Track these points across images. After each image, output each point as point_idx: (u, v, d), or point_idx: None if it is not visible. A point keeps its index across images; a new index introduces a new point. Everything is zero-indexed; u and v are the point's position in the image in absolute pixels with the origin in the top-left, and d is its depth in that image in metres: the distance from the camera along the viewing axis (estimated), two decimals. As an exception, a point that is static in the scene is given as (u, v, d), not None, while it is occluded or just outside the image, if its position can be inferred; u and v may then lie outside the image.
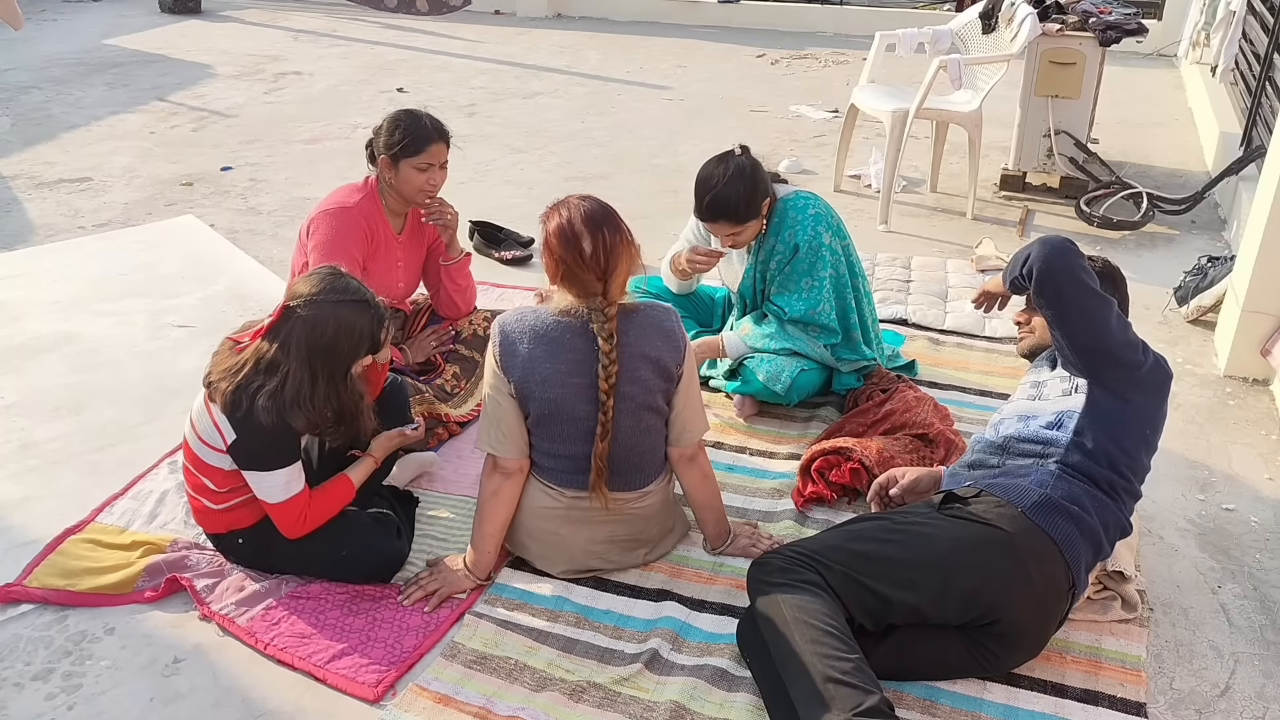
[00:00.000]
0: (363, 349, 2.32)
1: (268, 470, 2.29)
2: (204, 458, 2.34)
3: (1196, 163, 5.53)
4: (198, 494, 2.41)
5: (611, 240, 2.29)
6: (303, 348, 2.23)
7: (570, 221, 2.29)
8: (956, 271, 4.18)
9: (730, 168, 2.89)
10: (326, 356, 2.25)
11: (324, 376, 2.25)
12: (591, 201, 2.35)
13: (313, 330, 2.23)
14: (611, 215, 2.35)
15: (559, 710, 2.11)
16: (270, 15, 9.46)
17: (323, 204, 3.08)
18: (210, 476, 2.36)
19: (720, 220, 2.93)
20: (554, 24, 9.26)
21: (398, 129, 2.98)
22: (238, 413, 2.23)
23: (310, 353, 2.23)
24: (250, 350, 2.27)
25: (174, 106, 6.69)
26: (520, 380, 2.32)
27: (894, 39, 4.96)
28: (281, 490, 2.31)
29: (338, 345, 2.26)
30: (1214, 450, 3.05)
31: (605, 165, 5.57)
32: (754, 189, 2.90)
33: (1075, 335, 2.17)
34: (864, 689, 1.91)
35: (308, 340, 2.23)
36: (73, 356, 3.57)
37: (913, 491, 2.52)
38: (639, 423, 2.36)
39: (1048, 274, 2.16)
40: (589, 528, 2.45)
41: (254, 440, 2.26)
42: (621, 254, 2.31)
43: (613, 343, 2.28)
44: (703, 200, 2.93)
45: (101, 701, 2.17)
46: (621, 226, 2.35)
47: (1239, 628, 2.38)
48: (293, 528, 2.37)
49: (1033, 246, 2.21)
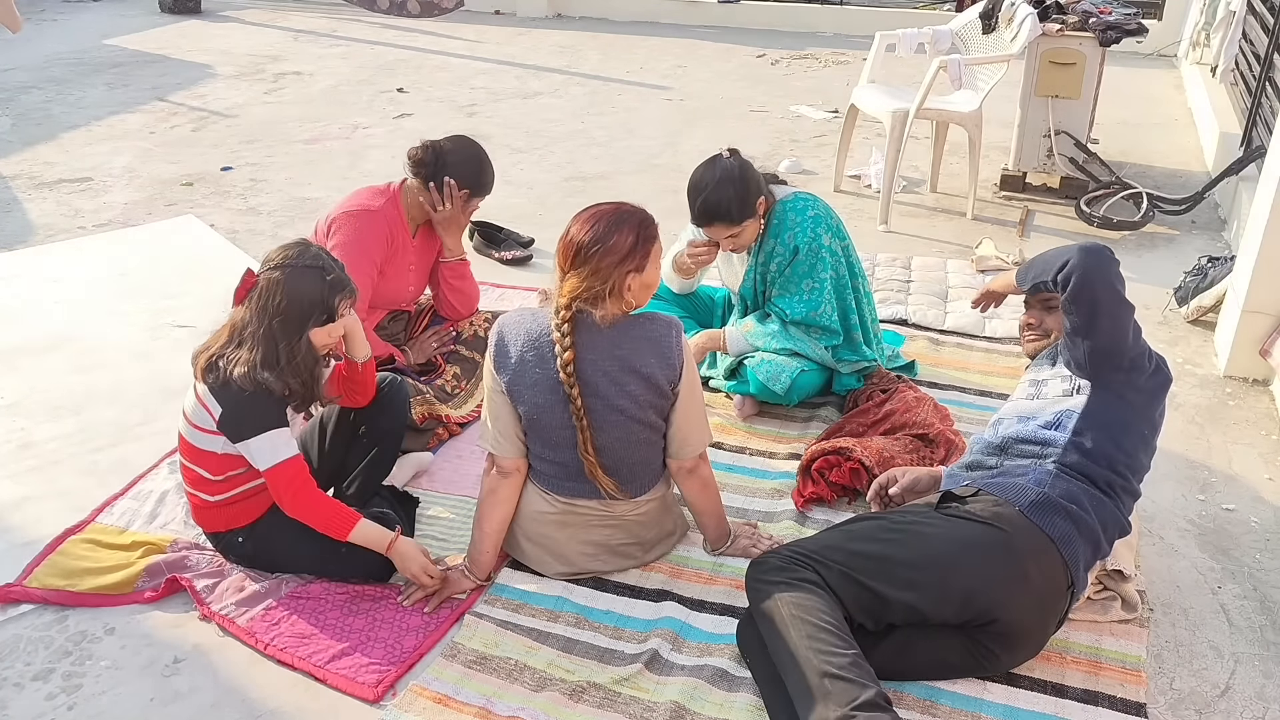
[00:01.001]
0: (314, 314, 2.34)
1: (254, 435, 2.30)
2: (196, 443, 2.36)
3: (1196, 163, 5.53)
4: (195, 489, 2.42)
5: (589, 239, 2.22)
6: (264, 312, 2.31)
7: (586, 210, 2.29)
8: (956, 272, 4.18)
9: (719, 171, 2.89)
10: (282, 320, 2.30)
11: (281, 339, 2.30)
12: (627, 210, 2.28)
13: (270, 294, 2.31)
14: (617, 226, 2.24)
15: (559, 710, 2.11)
16: (270, 15, 9.45)
17: (345, 204, 3.10)
18: (204, 464, 2.37)
19: (715, 223, 2.93)
20: (554, 24, 9.25)
21: (477, 167, 3.14)
22: (216, 382, 2.29)
23: (268, 315, 2.30)
24: (227, 321, 2.37)
25: (174, 106, 6.69)
26: (510, 383, 2.32)
27: (894, 39, 4.95)
28: (269, 454, 2.30)
29: (290, 309, 2.31)
30: (1214, 450, 3.05)
31: (605, 165, 5.57)
32: (744, 190, 2.90)
33: (1098, 341, 2.16)
34: (860, 683, 1.91)
35: (265, 304, 2.31)
36: (73, 356, 3.57)
37: (912, 491, 2.52)
38: (630, 435, 2.34)
39: (1089, 284, 2.14)
40: (584, 532, 2.45)
41: (237, 409, 2.29)
42: (588, 260, 2.22)
43: (565, 331, 2.23)
44: (695, 206, 2.93)
45: (101, 701, 2.18)
46: (615, 241, 2.23)
47: (1239, 628, 2.38)
48: (288, 496, 2.33)
49: (1071, 252, 2.19)
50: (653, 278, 2.32)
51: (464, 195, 3.12)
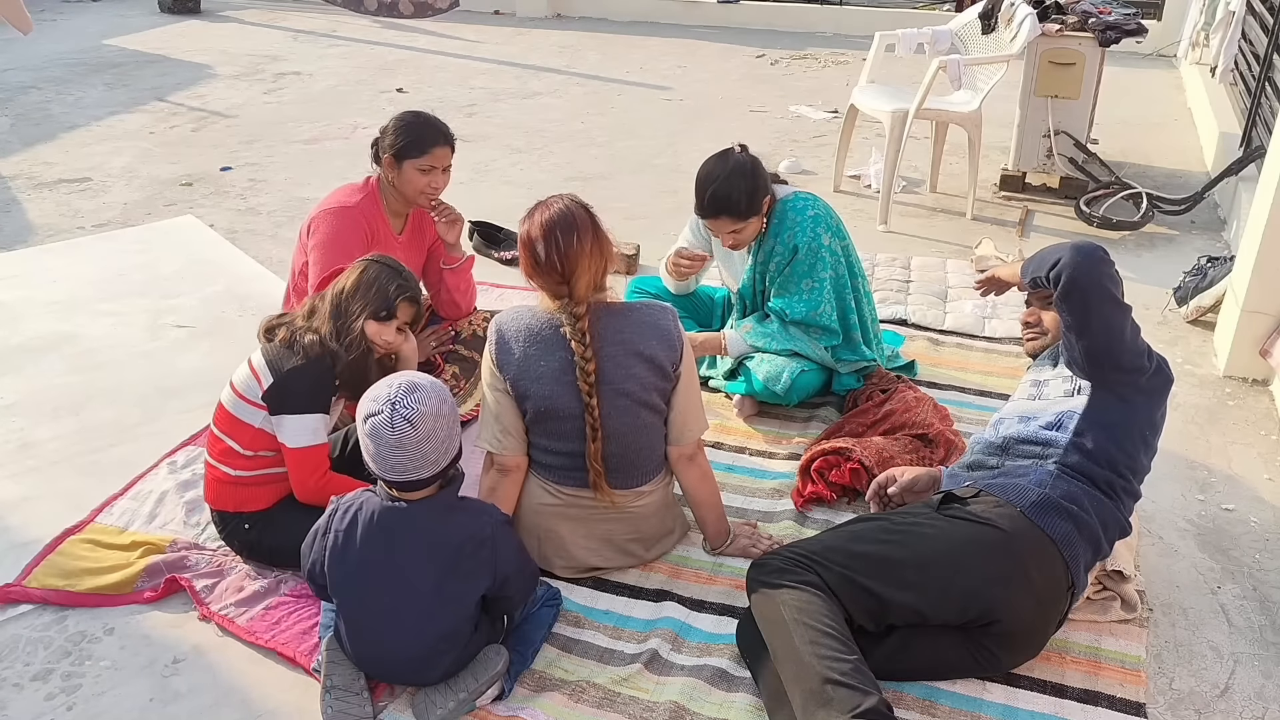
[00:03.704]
0: (374, 306, 2.44)
1: (294, 413, 2.36)
2: (237, 413, 2.41)
3: (1196, 163, 5.53)
4: (220, 461, 2.44)
5: (565, 244, 2.27)
6: (337, 291, 2.46)
7: (530, 229, 2.33)
8: (956, 272, 4.18)
9: (730, 164, 2.89)
10: (344, 304, 2.43)
11: (345, 317, 2.42)
12: (560, 206, 2.33)
13: (346, 276, 2.48)
14: (573, 219, 2.30)
15: (559, 710, 2.11)
16: (270, 15, 9.46)
17: (323, 203, 3.09)
18: (238, 436, 2.41)
19: (721, 216, 2.93)
20: (553, 24, 9.26)
21: (404, 129, 3.02)
22: (278, 347, 2.40)
23: (335, 298, 2.44)
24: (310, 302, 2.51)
25: (173, 107, 6.69)
26: (515, 378, 2.33)
27: (894, 39, 4.95)
28: (309, 435, 2.38)
29: (353, 294, 2.44)
30: (1214, 450, 3.05)
31: (605, 165, 5.57)
32: (754, 185, 2.90)
33: (1092, 341, 2.16)
34: (862, 690, 1.91)
35: (340, 285, 2.47)
36: (72, 357, 3.57)
37: (911, 491, 2.52)
38: (636, 420, 2.36)
39: (1078, 282, 2.14)
40: (587, 525, 2.45)
41: (287, 381, 2.36)
42: (580, 258, 2.28)
43: (585, 343, 2.28)
44: (703, 197, 2.92)
45: (101, 702, 2.18)
46: (581, 230, 2.29)
47: (1238, 628, 2.38)
48: (310, 480, 2.40)
49: (1063, 250, 2.19)
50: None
51: (389, 160, 3.01)
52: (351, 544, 2.07)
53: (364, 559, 2.07)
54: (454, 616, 2.09)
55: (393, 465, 2.01)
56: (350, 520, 2.09)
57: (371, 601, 2.08)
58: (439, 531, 2.08)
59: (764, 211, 2.97)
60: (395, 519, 2.07)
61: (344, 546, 2.08)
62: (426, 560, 2.06)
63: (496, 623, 2.22)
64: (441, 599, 2.07)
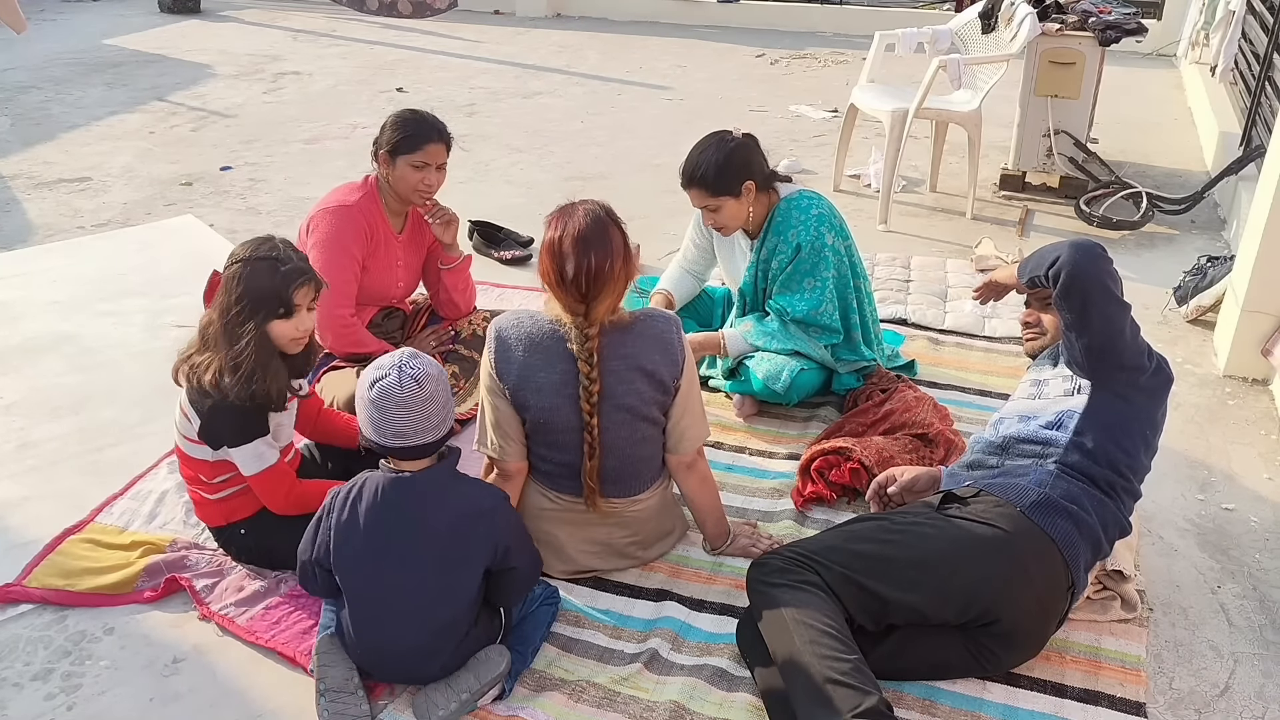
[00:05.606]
0: (269, 306, 2.27)
1: (234, 446, 2.32)
2: (188, 451, 2.39)
3: (1196, 163, 5.53)
4: (194, 486, 2.45)
5: (598, 265, 2.18)
6: (223, 308, 2.28)
7: (560, 239, 2.22)
8: (956, 271, 4.18)
9: (712, 140, 2.98)
10: (238, 313, 2.26)
11: (241, 335, 2.25)
12: (593, 217, 2.23)
13: (227, 289, 2.28)
14: (607, 239, 2.22)
15: (559, 710, 2.11)
16: (270, 15, 9.45)
17: (322, 202, 3.09)
18: (198, 469, 2.40)
19: (691, 188, 3.00)
20: (553, 24, 9.26)
21: (399, 125, 3.02)
22: (192, 391, 2.30)
23: (227, 311, 2.27)
24: (200, 324, 2.34)
25: (173, 106, 6.69)
26: (515, 387, 2.31)
27: (894, 39, 4.95)
28: (255, 461, 2.33)
29: (244, 301, 2.26)
30: (1214, 450, 3.05)
31: (605, 165, 5.57)
32: (724, 161, 2.94)
33: (1091, 339, 2.16)
34: (863, 690, 1.90)
35: (224, 300, 2.28)
36: (72, 356, 3.57)
37: (910, 490, 2.51)
38: (634, 433, 2.34)
39: (1077, 279, 2.14)
40: (586, 529, 2.45)
41: (215, 420, 2.30)
42: (606, 282, 2.21)
43: (593, 363, 2.24)
44: (682, 166, 3.02)
45: (101, 701, 2.17)
46: (615, 254, 2.22)
47: (1238, 628, 2.38)
48: (276, 500, 2.39)
49: (1062, 248, 2.19)
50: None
51: (384, 156, 3.01)
52: (355, 520, 2.08)
53: (370, 533, 2.07)
54: (455, 601, 2.09)
55: (399, 428, 2.02)
56: (354, 499, 2.10)
57: (375, 581, 2.08)
58: (442, 499, 2.09)
59: (743, 197, 2.97)
60: (401, 489, 2.08)
61: (348, 525, 2.08)
62: (430, 532, 2.07)
63: (495, 619, 2.21)
64: (443, 578, 2.07)
